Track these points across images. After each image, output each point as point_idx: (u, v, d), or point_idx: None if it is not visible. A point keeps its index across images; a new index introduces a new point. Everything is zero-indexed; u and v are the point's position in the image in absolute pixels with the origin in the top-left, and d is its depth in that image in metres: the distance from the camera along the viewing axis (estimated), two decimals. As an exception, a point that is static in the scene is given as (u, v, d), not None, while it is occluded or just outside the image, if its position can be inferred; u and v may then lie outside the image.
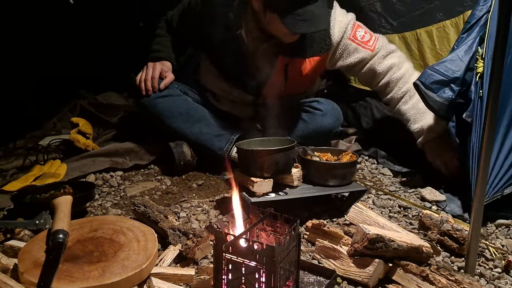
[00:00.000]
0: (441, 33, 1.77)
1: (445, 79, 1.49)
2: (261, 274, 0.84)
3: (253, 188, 1.32)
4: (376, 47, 1.79)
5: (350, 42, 1.78)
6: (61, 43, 2.60)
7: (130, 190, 1.62)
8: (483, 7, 1.51)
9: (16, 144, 2.10)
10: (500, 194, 1.37)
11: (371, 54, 1.79)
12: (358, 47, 1.79)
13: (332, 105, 1.87)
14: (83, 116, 2.33)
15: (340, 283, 1.04)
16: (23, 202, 1.36)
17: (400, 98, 1.76)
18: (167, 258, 1.08)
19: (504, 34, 0.93)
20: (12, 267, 0.96)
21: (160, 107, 1.80)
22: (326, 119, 1.82)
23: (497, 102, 0.96)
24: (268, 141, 1.47)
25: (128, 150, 1.87)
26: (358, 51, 1.79)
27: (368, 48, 1.79)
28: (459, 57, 1.50)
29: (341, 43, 1.78)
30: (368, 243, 0.99)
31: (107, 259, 0.98)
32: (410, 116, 1.73)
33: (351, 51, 1.80)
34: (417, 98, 1.63)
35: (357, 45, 1.78)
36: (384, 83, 1.80)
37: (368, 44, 1.79)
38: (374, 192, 1.66)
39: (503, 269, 1.14)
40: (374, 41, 1.80)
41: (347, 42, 1.78)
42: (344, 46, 1.79)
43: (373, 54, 1.79)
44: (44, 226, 1.13)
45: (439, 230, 1.23)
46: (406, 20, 1.91)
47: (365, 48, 1.79)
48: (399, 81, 1.77)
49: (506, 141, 1.40)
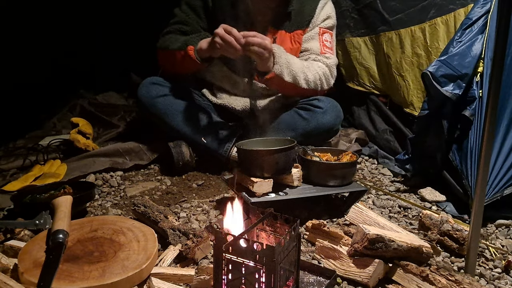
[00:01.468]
0: (432, 30, 1.78)
1: (454, 74, 1.49)
2: (261, 274, 0.84)
3: (253, 188, 1.32)
4: (327, 55, 1.85)
5: (318, 30, 1.86)
6: (61, 43, 2.60)
7: (130, 190, 1.62)
8: (485, 4, 1.51)
9: (16, 144, 2.10)
10: (500, 195, 1.37)
11: (317, 55, 1.85)
12: (317, 41, 1.86)
13: (332, 102, 1.87)
14: (83, 116, 2.33)
15: (340, 283, 1.04)
16: (23, 202, 1.36)
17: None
18: (167, 258, 1.08)
19: (504, 34, 0.93)
20: (12, 267, 0.96)
21: (160, 107, 1.80)
22: (326, 117, 1.82)
23: (497, 102, 0.96)
24: (268, 141, 1.47)
25: (128, 150, 1.87)
26: (313, 42, 1.86)
27: (322, 50, 1.85)
28: (469, 53, 1.50)
29: (315, 29, 1.87)
30: (368, 243, 0.99)
31: (107, 259, 0.98)
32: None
33: (310, 36, 1.87)
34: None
35: (318, 38, 1.86)
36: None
37: (325, 47, 1.86)
38: (374, 192, 1.66)
39: (503, 269, 1.14)
40: (329, 52, 1.87)
41: (317, 29, 1.87)
42: (313, 31, 1.88)
43: (320, 58, 1.84)
44: (44, 226, 1.12)
45: (439, 230, 1.23)
46: (402, 16, 1.92)
47: (321, 47, 1.85)
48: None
49: (506, 141, 1.41)
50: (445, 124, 1.54)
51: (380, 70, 2.13)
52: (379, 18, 2.05)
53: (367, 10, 2.11)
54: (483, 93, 1.45)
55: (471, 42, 1.50)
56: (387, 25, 2.01)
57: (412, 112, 1.89)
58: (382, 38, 2.04)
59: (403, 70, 1.93)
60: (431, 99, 1.56)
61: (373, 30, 2.10)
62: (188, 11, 1.84)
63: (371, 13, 2.09)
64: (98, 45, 2.80)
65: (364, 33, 2.15)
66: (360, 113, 2.26)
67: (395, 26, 1.96)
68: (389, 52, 2.01)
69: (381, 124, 2.12)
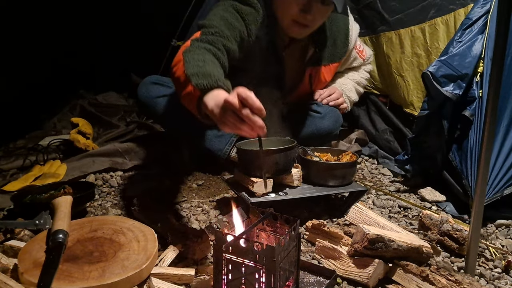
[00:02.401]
0: (432, 30, 1.78)
1: (455, 74, 1.49)
2: (261, 274, 0.84)
3: (253, 188, 1.32)
4: (365, 57, 1.98)
5: (354, 50, 1.91)
6: (61, 43, 2.60)
7: (130, 190, 1.62)
8: (485, 4, 1.51)
9: (16, 144, 2.10)
10: (500, 195, 1.37)
11: (362, 62, 1.98)
12: (357, 56, 1.94)
13: (331, 107, 1.87)
14: (83, 116, 2.33)
15: (340, 283, 1.04)
16: (23, 202, 1.36)
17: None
18: (167, 258, 1.08)
19: (504, 34, 0.93)
20: (12, 267, 0.96)
21: (160, 107, 1.80)
22: (325, 122, 1.82)
23: (497, 102, 0.96)
24: (268, 141, 1.47)
25: (128, 150, 1.87)
26: (356, 59, 1.95)
27: (362, 57, 1.95)
28: (470, 53, 1.50)
29: (352, 50, 1.90)
30: (368, 243, 0.99)
31: (107, 259, 0.98)
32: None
33: (352, 57, 1.92)
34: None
35: (357, 54, 1.93)
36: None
37: (362, 54, 1.95)
38: (374, 192, 1.66)
39: (503, 269, 1.14)
40: (364, 51, 1.98)
41: (353, 50, 1.91)
42: (352, 53, 1.91)
43: (362, 63, 1.99)
44: (44, 226, 1.12)
45: (439, 230, 1.23)
46: (402, 17, 1.93)
47: (360, 57, 1.95)
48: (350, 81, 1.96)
49: (506, 142, 1.41)
50: (445, 124, 1.54)
51: (380, 70, 2.13)
52: (379, 18, 2.05)
53: (367, 10, 2.12)
54: (483, 93, 1.45)
55: (471, 42, 1.50)
56: (387, 25, 2.01)
57: (412, 112, 1.90)
58: (382, 38, 2.05)
59: (403, 70, 1.94)
60: (431, 99, 1.56)
61: (373, 30, 2.10)
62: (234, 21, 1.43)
63: (371, 13, 2.09)
64: (98, 45, 2.80)
65: (364, 33, 2.15)
66: (360, 113, 2.26)
67: (395, 26, 1.97)
68: (389, 52, 2.01)
69: (381, 124, 2.12)
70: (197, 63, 1.15)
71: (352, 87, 1.94)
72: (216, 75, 1.08)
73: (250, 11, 1.50)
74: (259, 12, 1.53)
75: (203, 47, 1.27)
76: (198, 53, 1.22)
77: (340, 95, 1.87)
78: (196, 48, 1.25)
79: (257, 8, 1.52)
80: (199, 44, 1.28)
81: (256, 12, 1.52)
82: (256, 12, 1.52)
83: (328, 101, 1.83)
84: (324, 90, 1.87)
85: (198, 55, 1.20)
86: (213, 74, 1.08)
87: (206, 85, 1.05)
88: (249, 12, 1.49)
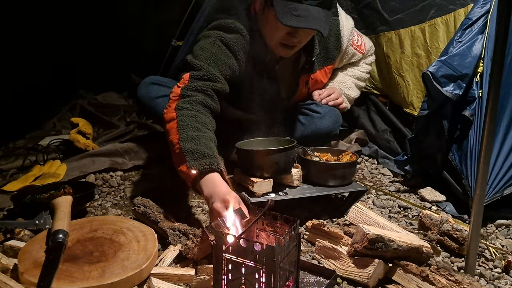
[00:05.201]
0: (432, 30, 1.78)
1: (455, 74, 1.49)
2: (261, 274, 0.84)
3: (253, 188, 1.32)
4: (365, 50, 1.93)
5: (351, 47, 1.88)
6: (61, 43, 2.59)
7: (130, 190, 1.62)
8: (485, 4, 1.51)
9: (16, 144, 2.10)
10: (500, 195, 1.37)
11: (361, 56, 1.94)
12: (355, 52, 1.90)
13: (331, 107, 1.87)
14: (83, 116, 2.33)
15: (340, 283, 1.04)
16: (23, 202, 1.36)
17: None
18: (167, 258, 1.08)
19: (504, 34, 0.93)
20: (12, 267, 0.96)
21: (159, 107, 1.79)
22: (324, 122, 1.81)
23: (497, 102, 0.96)
24: (268, 141, 1.47)
25: (128, 150, 1.87)
26: (355, 55, 1.92)
27: (361, 51, 1.92)
28: (470, 53, 1.50)
29: (347, 48, 1.88)
30: (368, 243, 0.99)
31: (107, 259, 0.98)
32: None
33: (350, 54, 1.90)
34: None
35: (354, 50, 1.90)
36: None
37: (361, 48, 1.92)
38: (374, 192, 1.66)
39: (503, 269, 1.14)
40: (363, 44, 1.93)
41: (349, 47, 1.88)
42: (347, 50, 1.89)
43: (362, 57, 1.95)
44: (44, 226, 1.13)
45: (439, 230, 1.23)
46: (402, 17, 1.93)
47: (359, 52, 1.91)
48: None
49: (506, 141, 1.41)
50: (445, 124, 1.54)
51: (380, 70, 2.13)
52: (378, 18, 2.05)
53: (366, 10, 2.11)
54: (483, 93, 1.45)
55: (471, 42, 1.50)
56: (387, 25, 2.01)
57: (412, 112, 1.90)
58: (381, 38, 2.05)
59: (403, 70, 1.93)
60: (431, 99, 1.56)
61: (372, 30, 2.10)
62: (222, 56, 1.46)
63: (371, 13, 2.09)
64: (98, 45, 2.80)
65: (364, 33, 2.14)
66: (360, 113, 2.26)
67: (395, 26, 1.97)
68: (388, 52, 2.01)
69: (381, 124, 2.12)
70: (192, 134, 1.22)
71: (351, 83, 1.93)
72: (211, 155, 1.18)
73: (237, 39, 1.51)
74: (245, 37, 1.54)
75: (194, 100, 1.31)
76: (191, 115, 1.27)
77: (339, 95, 1.86)
78: (188, 103, 1.30)
79: (244, 34, 1.53)
80: (190, 95, 1.33)
81: (243, 37, 1.53)
82: (243, 38, 1.53)
83: (327, 101, 1.82)
84: (323, 90, 1.86)
85: (191, 118, 1.26)
86: (208, 155, 1.17)
87: (201, 169, 1.15)
88: (236, 40, 1.51)
